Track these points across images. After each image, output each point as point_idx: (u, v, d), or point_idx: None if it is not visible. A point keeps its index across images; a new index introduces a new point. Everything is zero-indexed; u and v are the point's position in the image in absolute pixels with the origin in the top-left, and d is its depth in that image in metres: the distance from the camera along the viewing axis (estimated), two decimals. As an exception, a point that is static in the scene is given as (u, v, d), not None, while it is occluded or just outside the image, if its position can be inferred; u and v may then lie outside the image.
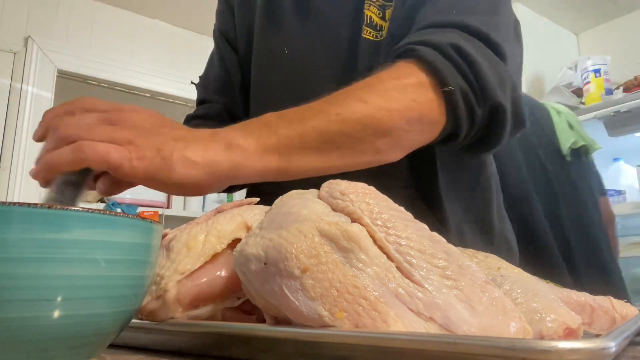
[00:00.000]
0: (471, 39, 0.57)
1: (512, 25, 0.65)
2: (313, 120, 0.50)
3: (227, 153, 0.46)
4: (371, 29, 0.69)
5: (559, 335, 0.32)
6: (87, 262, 0.27)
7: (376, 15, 0.69)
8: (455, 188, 0.72)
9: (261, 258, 0.32)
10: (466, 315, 0.29)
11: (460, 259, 0.32)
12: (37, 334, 0.26)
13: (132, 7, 2.90)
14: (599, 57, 2.64)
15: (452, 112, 0.55)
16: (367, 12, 0.70)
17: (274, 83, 0.76)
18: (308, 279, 0.30)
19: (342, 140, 0.51)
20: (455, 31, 0.57)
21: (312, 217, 0.33)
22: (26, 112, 2.49)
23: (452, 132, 0.57)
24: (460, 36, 0.57)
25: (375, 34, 0.69)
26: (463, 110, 0.55)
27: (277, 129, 0.48)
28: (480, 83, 0.54)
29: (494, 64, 0.56)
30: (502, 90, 0.56)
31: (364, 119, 0.51)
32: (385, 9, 0.69)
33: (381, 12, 0.70)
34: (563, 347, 0.22)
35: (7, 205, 0.25)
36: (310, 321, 0.29)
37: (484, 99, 0.55)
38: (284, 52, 0.76)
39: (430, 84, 0.54)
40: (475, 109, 0.55)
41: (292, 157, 0.49)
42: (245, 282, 0.34)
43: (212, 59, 0.92)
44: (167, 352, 0.36)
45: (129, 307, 0.31)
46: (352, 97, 0.52)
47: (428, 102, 0.54)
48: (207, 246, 0.39)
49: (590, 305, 0.40)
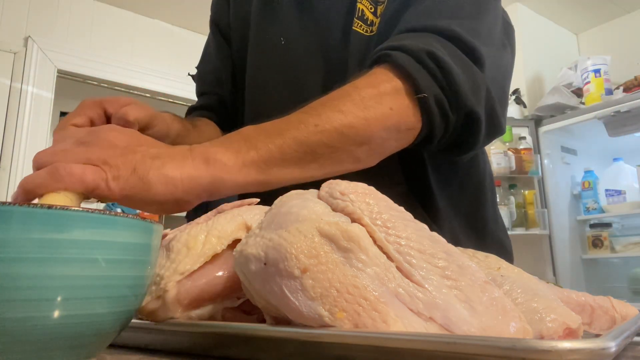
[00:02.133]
0: (447, 44, 0.57)
1: (497, 29, 0.65)
2: (292, 132, 0.50)
3: (206, 168, 0.46)
4: (362, 22, 0.70)
5: (559, 335, 0.32)
6: (87, 262, 0.27)
7: (368, 10, 0.70)
8: (447, 186, 0.72)
9: (261, 258, 0.32)
10: (466, 315, 0.29)
11: (460, 259, 0.32)
12: (37, 334, 0.26)
13: (132, 7, 2.91)
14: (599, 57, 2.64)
15: (427, 117, 0.55)
16: (360, 5, 0.70)
17: (270, 73, 0.77)
18: (308, 279, 0.30)
19: (321, 151, 0.51)
20: (432, 36, 0.58)
21: (312, 217, 0.33)
22: (26, 112, 2.49)
23: (427, 136, 0.58)
24: (436, 41, 0.57)
25: (366, 28, 0.69)
26: (437, 116, 0.55)
27: (256, 143, 0.48)
28: (453, 89, 0.55)
29: (468, 69, 0.56)
30: (476, 96, 0.56)
31: (343, 129, 0.51)
32: (377, 4, 0.70)
33: (373, 7, 0.70)
34: (563, 347, 0.22)
35: (7, 205, 0.25)
36: (310, 321, 0.29)
37: (457, 105, 0.56)
38: (280, 42, 0.76)
39: (405, 90, 0.54)
40: (449, 115, 0.56)
41: (272, 169, 0.49)
42: (245, 282, 0.34)
43: (208, 48, 0.92)
44: (167, 352, 0.36)
45: (129, 307, 0.31)
46: (329, 107, 0.52)
47: (404, 108, 0.54)
48: (207, 246, 0.39)
49: (590, 305, 0.40)
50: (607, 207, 2.79)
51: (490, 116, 0.59)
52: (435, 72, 0.54)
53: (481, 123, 0.58)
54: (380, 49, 0.57)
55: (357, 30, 0.70)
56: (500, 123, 0.61)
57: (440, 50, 0.55)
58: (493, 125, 0.60)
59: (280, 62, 0.76)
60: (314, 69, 0.73)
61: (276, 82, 0.76)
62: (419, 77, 0.54)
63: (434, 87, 0.54)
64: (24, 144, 2.46)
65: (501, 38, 0.65)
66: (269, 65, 0.77)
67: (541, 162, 2.82)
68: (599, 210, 2.83)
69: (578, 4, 2.95)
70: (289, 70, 0.75)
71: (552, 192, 2.83)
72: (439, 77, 0.54)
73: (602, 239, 2.81)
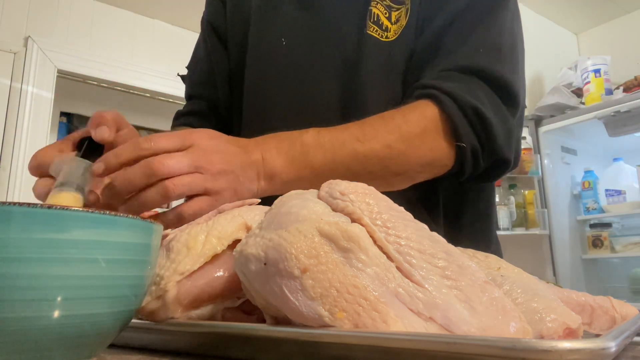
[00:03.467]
0: (490, 92, 0.62)
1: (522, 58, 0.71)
2: (343, 157, 0.57)
3: (269, 184, 0.55)
4: (377, 26, 0.70)
5: (559, 335, 0.32)
6: (87, 262, 0.27)
7: (383, 15, 0.70)
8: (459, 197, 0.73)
9: (261, 258, 0.32)
10: (466, 315, 0.29)
11: (460, 259, 0.32)
12: (37, 334, 0.26)
13: (132, 7, 2.91)
14: (599, 57, 2.64)
15: (460, 161, 0.62)
16: (374, 10, 0.70)
17: (270, 75, 0.75)
18: (308, 279, 0.30)
19: (364, 176, 0.58)
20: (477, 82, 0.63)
21: (311, 217, 0.33)
22: (26, 112, 2.49)
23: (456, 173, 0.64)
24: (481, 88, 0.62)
25: (381, 33, 0.69)
26: (469, 162, 0.62)
27: (312, 160, 0.56)
28: (491, 142, 0.61)
29: (505, 120, 0.63)
30: (508, 145, 0.63)
31: (386, 162, 0.59)
32: (391, 10, 0.69)
33: (387, 13, 0.70)
34: (563, 347, 0.22)
35: (7, 205, 0.25)
36: (310, 321, 0.29)
37: (490, 155, 0.62)
38: (281, 42, 0.74)
39: (445, 134, 0.61)
40: (480, 163, 0.62)
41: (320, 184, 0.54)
42: (245, 282, 0.34)
43: (198, 49, 0.89)
44: (167, 352, 0.36)
45: (129, 307, 0.31)
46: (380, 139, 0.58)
47: (442, 150, 0.61)
48: (207, 247, 0.39)
49: (590, 305, 0.40)
50: (607, 207, 2.79)
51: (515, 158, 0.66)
52: (477, 126, 0.60)
53: (509, 166, 0.65)
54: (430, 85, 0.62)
55: (372, 34, 0.69)
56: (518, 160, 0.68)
57: (485, 105, 0.61)
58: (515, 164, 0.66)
59: (283, 64, 0.74)
60: (319, 71, 0.72)
61: (278, 86, 0.74)
62: (462, 128, 0.60)
63: (473, 140, 0.61)
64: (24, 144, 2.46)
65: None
66: (269, 68, 0.75)
67: (541, 162, 2.82)
68: (599, 210, 2.83)
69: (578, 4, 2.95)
70: (291, 72, 0.73)
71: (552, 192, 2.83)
72: (479, 131, 0.61)
73: (602, 239, 2.81)
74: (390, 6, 0.70)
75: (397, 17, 0.70)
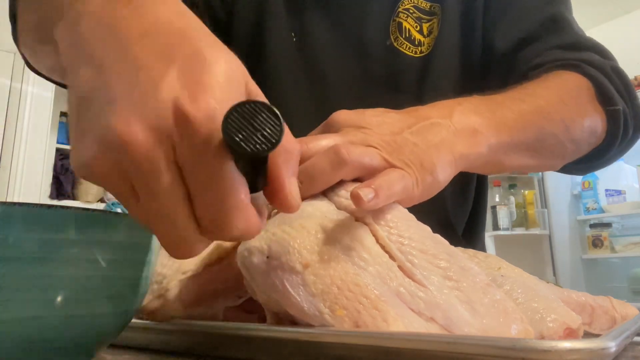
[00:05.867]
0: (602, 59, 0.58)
1: None
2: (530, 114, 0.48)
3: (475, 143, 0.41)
4: (409, 42, 0.67)
5: (559, 335, 0.32)
6: (87, 262, 0.27)
7: (413, 29, 0.67)
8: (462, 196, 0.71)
9: (264, 251, 0.32)
10: (467, 316, 0.29)
11: (462, 260, 0.32)
12: (37, 334, 0.26)
13: (132, 7, 2.90)
14: (599, 57, 2.64)
15: (611, 130, 0.56)
16: (405, 24, 0.66)
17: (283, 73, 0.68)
18: (310, 275, 0.30)
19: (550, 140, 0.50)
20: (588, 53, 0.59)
21: (316, 214, 0.33)
22: (26, 112, 2.49)
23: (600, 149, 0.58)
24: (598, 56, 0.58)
25: (412, 48, 0.67)
26: (620, 130, 0.56)
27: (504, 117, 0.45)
28: (633, 101, 0.57)
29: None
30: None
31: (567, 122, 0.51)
32: (422, 22, 0.67)
33: (418, 26, 0.67)
34: (563, 347, 0.22)
35: (7, 205, 0.25)
36: (310, 317, 0.29)
37: (635, 116, 0.57)
38: (291, 37, 0.68)
39: (594, 99, 0.55)
40: (629, 129, 0.57)
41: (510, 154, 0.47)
42: (247, 276, 0.34)
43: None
44: (167, 352, 0.36)
45: (129, 307, 0.31)
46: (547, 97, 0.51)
47: (599, 117, 0.55)
48: (211, 246, 0.39)
49: (590, 305, 0.40)
50: (607, 207, 2.79)
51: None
52: (620, 87, 0.56)
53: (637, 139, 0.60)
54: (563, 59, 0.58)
55: (402, 50, 0.66)
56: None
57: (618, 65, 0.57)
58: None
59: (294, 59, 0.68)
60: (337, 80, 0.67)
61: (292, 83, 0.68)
62: (609, 90, 0.55)
63: (620, 101, 0.55)
64: (24, 144, 2.46)
65: None
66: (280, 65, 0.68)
67: (541, 162, 2.81)
68: (599, 210, 2.83)
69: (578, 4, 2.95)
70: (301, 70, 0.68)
71: (552, 192, 2.84)
72: (623, 93, 0.56)
73: (602, 239, 2.81)
74: (420, 18, 0.67)
75: (430, 29, 0.67)
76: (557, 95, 0.52)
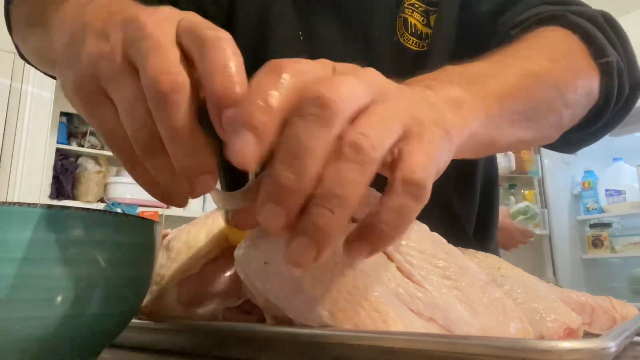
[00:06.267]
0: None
1: None
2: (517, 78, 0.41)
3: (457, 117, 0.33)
4: (415, 38, 0.65)
5: (559, 335, 0.32)
6: (87, 262, 0.27)
7: (420, 23, 0.65)
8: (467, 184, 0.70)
9: (261, 257, 0.32)
10: (467, 315, 0.29)
11: (461, 259, 0.32)
12: (37, 334, 0.26)
13: (132, 7, 2.90)
14: (599, 57, 2.64)
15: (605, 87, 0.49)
16: (411, 19, 0.65)
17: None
18: (308, 279, 0.30)
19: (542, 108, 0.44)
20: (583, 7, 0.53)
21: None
22: (26, 112, 2.49)
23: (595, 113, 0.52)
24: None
25: (420, 43, 0.65)
26: (615, 87, 0.50)
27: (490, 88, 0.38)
28: (630, 57, 0.51)
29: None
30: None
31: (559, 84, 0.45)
32: (429, 14, 0.65)
33: (425, 19, 0.65)
34: (563, 347, 0.22)
35: (7, 205, 0.25)
36: (310, 321, 0.29)
37: (631, 76, 0.51)
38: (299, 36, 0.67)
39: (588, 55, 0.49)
40: (624, 87, 0.51)
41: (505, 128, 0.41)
42: (245, 281, 0.34)
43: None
44: (167, 352, 0.36)
45: (129, 307, 0.31)
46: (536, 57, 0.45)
47: (593, 74, 0.49)
48: (207, 246, 0.39)
49: (590, 305, 0.40)
50: (607, 207, 2.79)
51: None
52: (612, 38, 0.50)
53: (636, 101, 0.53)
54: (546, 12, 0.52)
55: (410, 46, 0.65)
56: None
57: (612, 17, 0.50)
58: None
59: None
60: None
61: None
62: (599, 40, 0.49)
63: (614, 54, 0.49)
64: (24, 144, 2.46)
65: None
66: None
67: (541, 162, 2.82)
68: (599, 210, 2.83)
69: (578, 4, 2.95)
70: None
71: (552, 192, 2.84)
72: (616, 44, 0.50)
73: (602, 239, 2.81)
74: (427, 10, 0.65)
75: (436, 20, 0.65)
76: (543, 54, 0.46)
